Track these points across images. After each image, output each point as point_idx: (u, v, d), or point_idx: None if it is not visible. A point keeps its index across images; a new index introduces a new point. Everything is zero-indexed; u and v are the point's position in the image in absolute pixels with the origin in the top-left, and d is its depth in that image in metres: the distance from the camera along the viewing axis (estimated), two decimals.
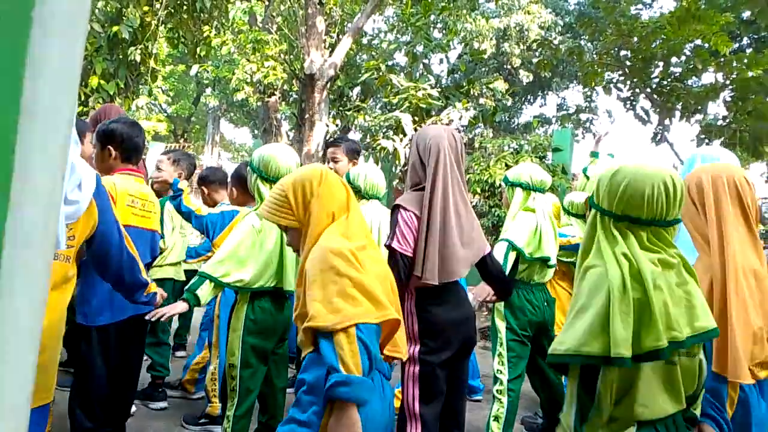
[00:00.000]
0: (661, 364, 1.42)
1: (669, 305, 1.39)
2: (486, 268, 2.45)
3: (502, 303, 2.98)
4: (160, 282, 3.36)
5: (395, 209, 2.26)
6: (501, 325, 3.00)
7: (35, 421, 1.64)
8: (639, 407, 1.40)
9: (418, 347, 2.23)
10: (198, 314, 4.33)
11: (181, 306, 2.29)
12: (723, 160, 2.23)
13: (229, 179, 3.40)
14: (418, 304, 2.25)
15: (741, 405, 1.75)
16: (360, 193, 3.22)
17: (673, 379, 1.44)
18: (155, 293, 2.22)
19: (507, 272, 2.82)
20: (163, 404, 3.62)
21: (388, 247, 2.22)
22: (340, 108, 11.26)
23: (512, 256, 2.88)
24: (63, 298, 1.72)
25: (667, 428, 1.44)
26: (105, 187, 1.92)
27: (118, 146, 2.52)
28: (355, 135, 13.66)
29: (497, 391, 2.94)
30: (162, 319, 2.20)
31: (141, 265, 2.13)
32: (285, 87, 10.59)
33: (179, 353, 4.86)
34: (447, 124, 8.61)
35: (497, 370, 2.96)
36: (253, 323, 2.42)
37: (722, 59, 8.19)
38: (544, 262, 2.96)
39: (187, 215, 3.07)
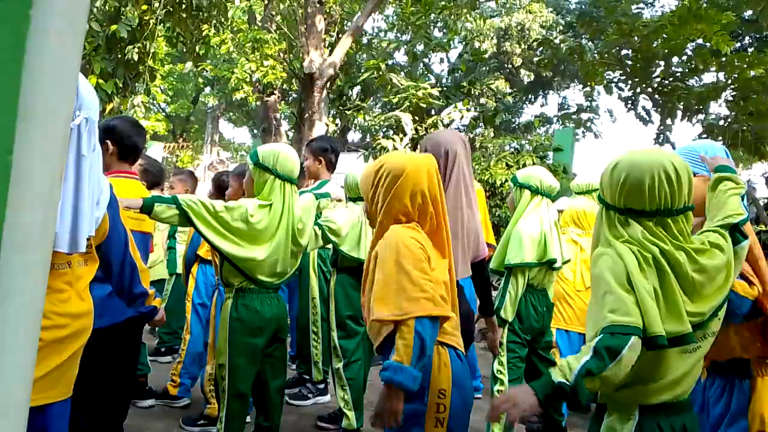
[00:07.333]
0: (688, 349, 1.40)
1: (681, 292, 1.37)
2: (480, 273, 2.49)
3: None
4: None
5: None
6: (502, 326, 2.97)
7: (59, 415, 1.68)
8: (655, 390, 1.38)
9: None
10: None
11: (134, 202, 2.24)
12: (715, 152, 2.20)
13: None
14: None
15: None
16: (356, 193, 3.19)
17: (696, 362, 1.44)
18: (156, 307, 2.23)
19: (507, 294, 2.85)
20: (150, 402, 3.60)
21: None
22: (340, 107, 11.24)
23: (513, 283, 2.87)
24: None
25: (673, 428, 1.40)
26: None
27: (116, 143, 2.50)
28: (354, 134, 13.67)
29: (498, 391, 2.93)
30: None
31: (146, 274, 2.17)
32: (284, 86, 10.58)
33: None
34: (447, 125, 8.60)
35: (497, 370, 2.95)
36: (239, 322, 2.39)
37: (724, 59, 8.16)
38: (551, 265, 2.93)
39: None
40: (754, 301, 1.65)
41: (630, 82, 10.23)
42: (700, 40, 8.49)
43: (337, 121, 11.59)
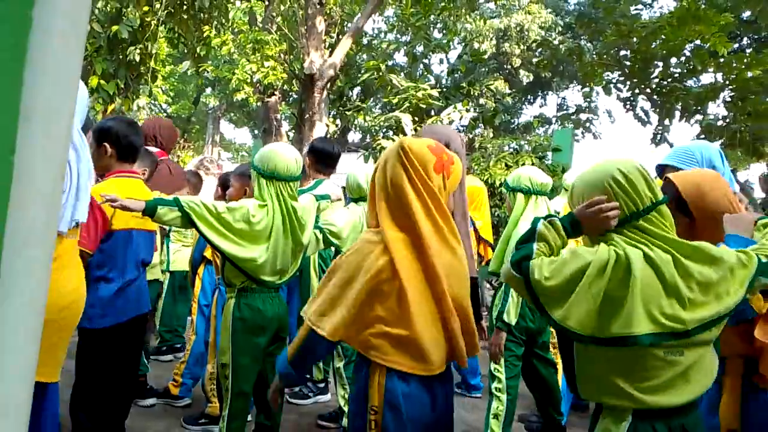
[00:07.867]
0: (663, 355, 1.36)
1: (661, 296, 1.33)
2: (473, 291, 2.51)
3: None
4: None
5: None
6: (505, 330, 2.98)
7: (51, 396, 1.76)
8: (634, 393, 1.36)
9: None
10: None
11: (137, 204, 2.24)
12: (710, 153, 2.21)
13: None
14: None
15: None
16: (358, 194, 3.21)
17: (688, 369, 1.38)
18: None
19: (510, 299, 2.82)
20: (152, 401, 3.62)
21: None
22: (340, 108, 11.26)
23: (514, 293, 2.85)
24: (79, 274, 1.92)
25: (670, 429, 1.39)
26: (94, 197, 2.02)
27: (114, 144, 2.52)
28: (355, 135, 13.69)
29: (496, 389, 2.94)
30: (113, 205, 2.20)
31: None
32: (285, 87, 10.59)
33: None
34: (447, 125, 8.62)
35: (494, 368, 2.96)
36: (242, 322, 2.41)
37: (722, 59, 8.19)
38: None
39: None
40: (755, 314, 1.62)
41: (629, 82, 10.26)
42: (698, 41, 8.51)
43: (338, 121, 11.60)
